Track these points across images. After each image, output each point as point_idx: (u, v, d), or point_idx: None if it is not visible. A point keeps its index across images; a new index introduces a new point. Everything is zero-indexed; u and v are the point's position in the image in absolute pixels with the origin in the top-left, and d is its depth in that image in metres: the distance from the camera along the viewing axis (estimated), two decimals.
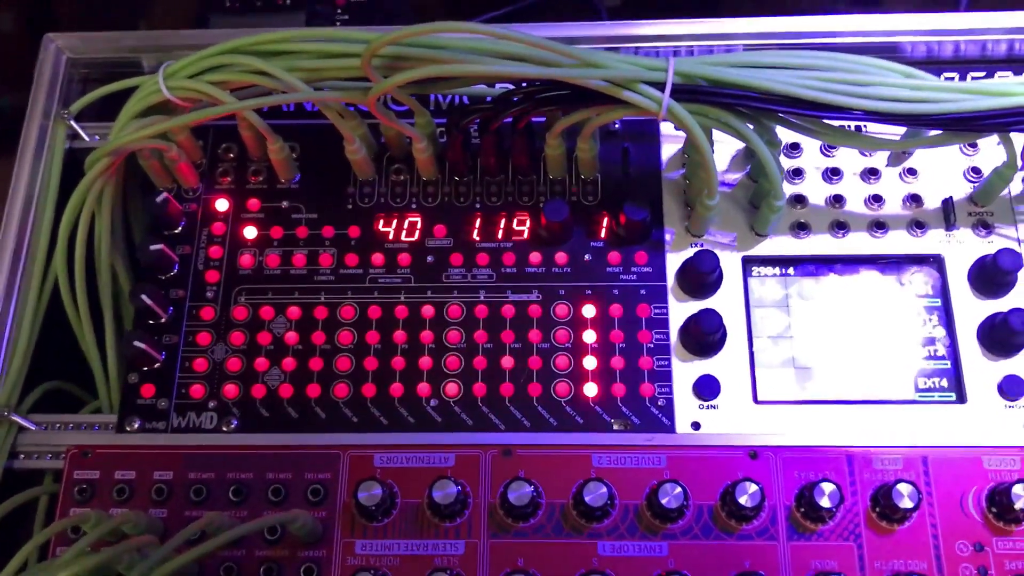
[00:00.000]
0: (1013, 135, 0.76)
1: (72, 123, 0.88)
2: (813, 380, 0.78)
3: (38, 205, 0.85)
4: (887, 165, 0.84)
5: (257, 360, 0.80)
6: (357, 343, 0.81)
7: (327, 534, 0.74)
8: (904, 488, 0.70)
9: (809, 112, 0.73)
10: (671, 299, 0.81)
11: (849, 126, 0.80)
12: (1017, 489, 0.70)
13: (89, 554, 0.64)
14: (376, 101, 0.76)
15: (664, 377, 0.78)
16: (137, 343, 0.78)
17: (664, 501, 0.71)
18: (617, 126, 0.87)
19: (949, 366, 0.78)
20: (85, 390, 0.88)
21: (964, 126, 0.73)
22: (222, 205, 0.86)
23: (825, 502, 0.70)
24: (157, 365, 0.80)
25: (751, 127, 0.75)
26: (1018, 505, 0.70)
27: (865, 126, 0.81)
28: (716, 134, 0.81)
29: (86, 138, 0.90)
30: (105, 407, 0.83)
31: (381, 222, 0.85)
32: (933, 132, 0.76)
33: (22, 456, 0.80)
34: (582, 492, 0.72)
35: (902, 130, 0.79)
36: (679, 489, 0.72)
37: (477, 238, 0.84)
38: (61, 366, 0.87)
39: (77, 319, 0.83)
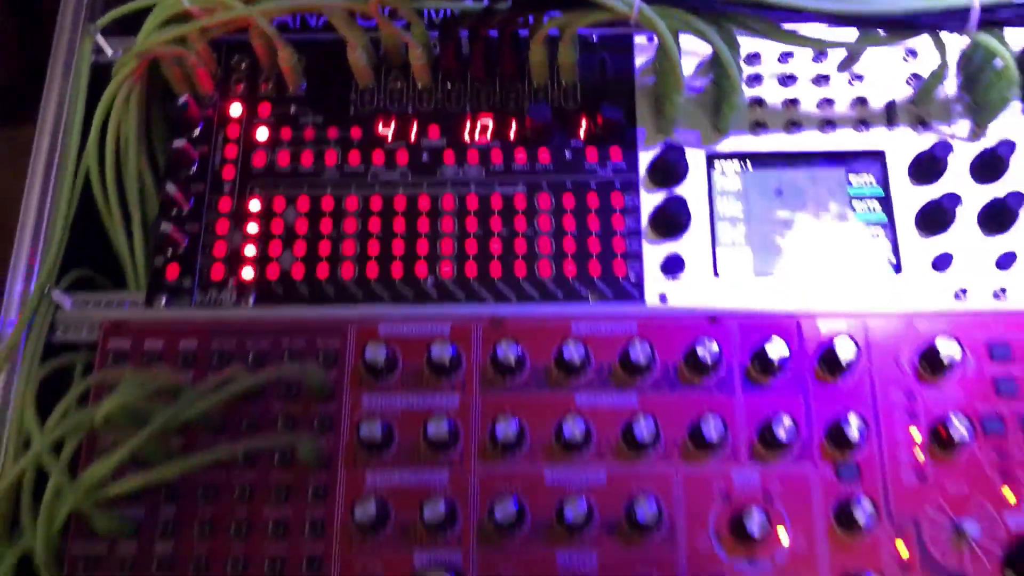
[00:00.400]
0: (944, 36, 0.86)
1: (98, 37, 0.96)
2: (767, 257, 0.88)
3: (69, 109, 0.94)
4: (838, 70, 0.93)
5: (271, 245, 0.89)
6: (361, 230, 0.90)
7: (337, 391, 0.83)
8: (845, 343, 0.80)
9: (767, 13, 0.82)
10: (642, 190, 0.90)
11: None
12: (940, 343, 0.80)
13: (127, 393, 0.73)
14: (377, 7, 0.84)
15: (635, 257, 0.88)
16: (164, 227, 0.87)
17: (634, 356, 0.81)
18: (595, 39, 0.96)
19: (889, 245, 0.88)
20: (111, 282, 0.96)
21: (901, 25, 0.83)
22: (236, 110, 0.95)
23: (775, 355, 0.80)
24: (181, 249, 0.89)
25: (714, 30, 0.84)
26: (945, 360, 0.80)
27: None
28: (683, 45, 0.90)
29: (109, 52, 0.98)
30: (132, 290, 0.92)
31: (380, 124, 0.93)
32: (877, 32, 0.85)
33: (60, 331, 0.89)
34: (562, 350, 0.82)
35: (851, 35, 0.88)
36: (648, 346, 0.81)
37: (468, 139, 0.93)
38: (90, 263, 0.95)
39: (107, 208, 0.91)
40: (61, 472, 0.74)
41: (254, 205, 0.91)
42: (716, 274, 0.87)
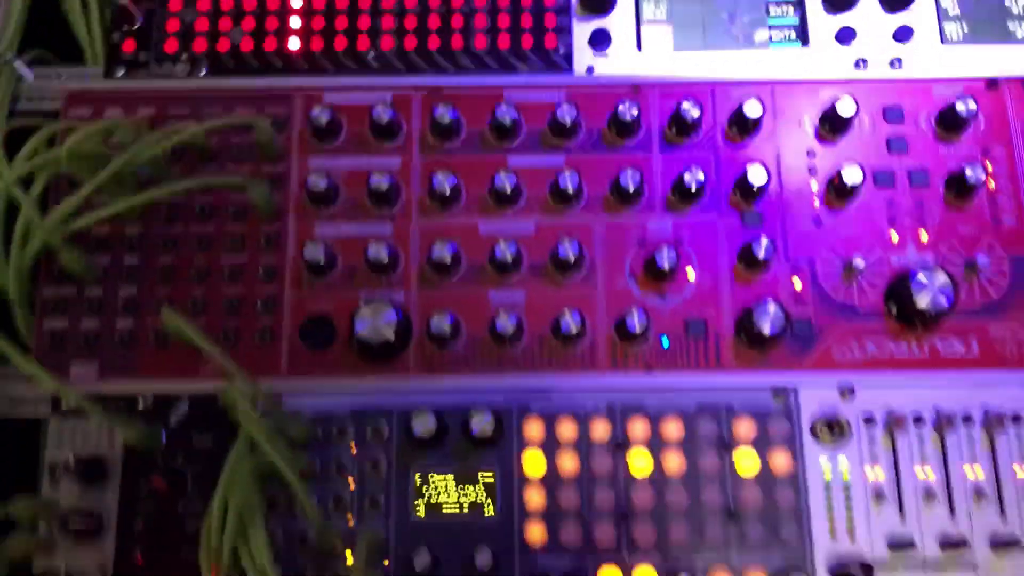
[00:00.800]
0: None
1: None
2: (686, 32, 0.95)
3: None
4: None
5: (221, 21, 0.94)
6: (306, 6, 0.95)
7: (286, 154, 0.90)
8: (753, 103, 0.88)
9: None
10: None
11: None
12: (840, 104, 0.87)
13: (92, 129, 0.79)
14: None
15: (565, 32, 0.94)
16: (121, 1, 0.92)
17: (560, 117, 0.88)
18: None
19: (797, 21, 0.95)
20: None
21: None
22: None
23: (690, 116, 0.88)
24: (137, 24, 0.94)
25: None
26: (843, 119, 0.88)
27: None
28: None
29: None
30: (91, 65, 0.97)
31: None
32: None
33: (22, 101, 0.94)
34: (495, 113, 0.88)
35: None
36: (574, 110, 0.88)
37: None
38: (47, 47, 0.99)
39: None
40: (31, 205, 0.80)
41: None
42: (639, 48, 0.94)
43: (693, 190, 0.87)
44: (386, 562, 0.80)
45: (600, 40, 0.94)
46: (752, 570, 0.80)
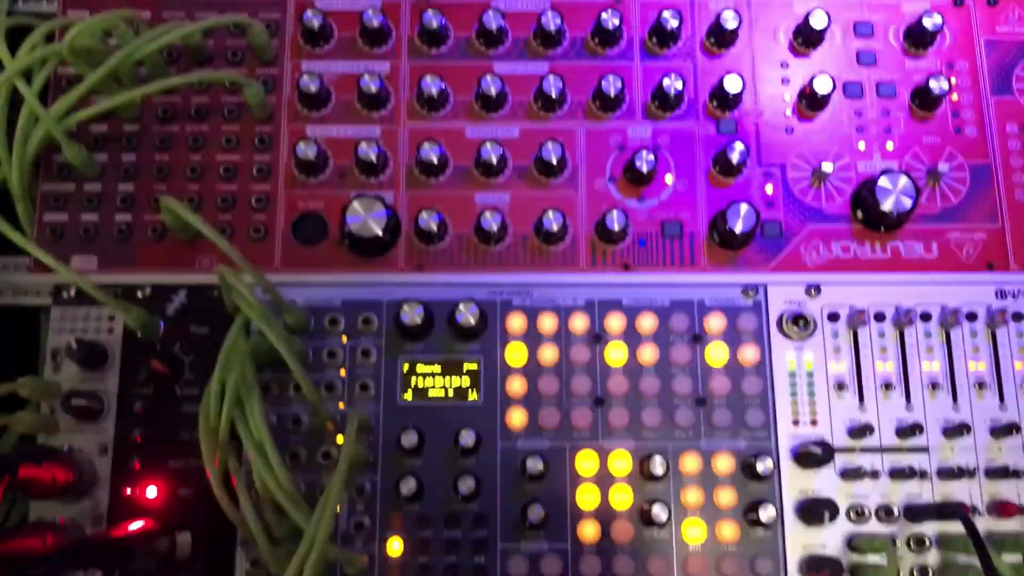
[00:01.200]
0: None
1: None
2: None
3: None
4: None
5: None
6: None
7: (279, 57, 0.93)
8: (730, 14, 0.91)
9: None
10: None
11: None
12: (813, 17, 0.91)
13: (91, 21, 0.82)
14: None
15: None
16: None
17: (544, 24, 0.91)
18: None
19: None
20: None
21: None
22: None
23: (670, 25, 0.91)
24: None
25: None
26: (815, 32, 0.91)
27: None
28: None
29: None
30: None
31: None
32: None
33: (19, 1, 0.95)
34: (481, 20, 0.92)
35: None
36: (558, 17, 0.92)
37: None
38: None
39: None
40: (33, 96, 0.82)
41: None
42: None
43: (672, 97, 0.90)
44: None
45: None
46: (720, 453, 0.84)
